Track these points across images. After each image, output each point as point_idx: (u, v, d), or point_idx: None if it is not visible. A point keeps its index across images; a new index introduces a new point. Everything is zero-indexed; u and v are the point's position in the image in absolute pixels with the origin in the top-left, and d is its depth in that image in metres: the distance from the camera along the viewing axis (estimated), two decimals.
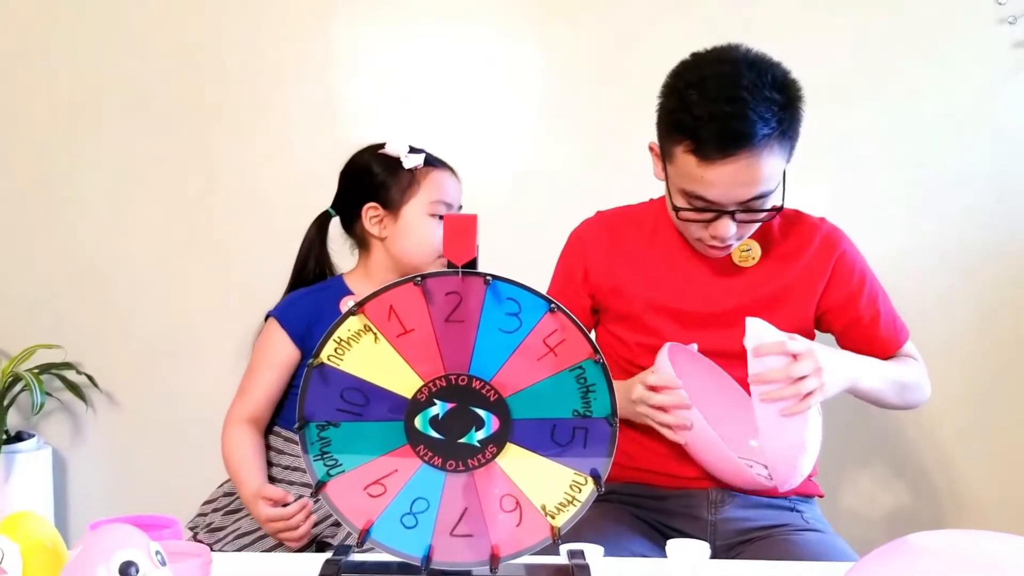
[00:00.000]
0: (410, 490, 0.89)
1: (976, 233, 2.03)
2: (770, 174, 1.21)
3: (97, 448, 2.18)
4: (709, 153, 1.18)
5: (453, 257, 0.87)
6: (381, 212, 1.50)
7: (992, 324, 2.05)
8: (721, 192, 1.21)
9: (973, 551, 0.87)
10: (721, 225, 1.25)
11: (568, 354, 0.88)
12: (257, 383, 1.48)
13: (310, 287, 1.54)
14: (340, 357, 0.89)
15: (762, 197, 1.23)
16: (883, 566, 0.88)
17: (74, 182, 2.15)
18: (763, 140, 1.18)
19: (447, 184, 1.52)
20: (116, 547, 0.67)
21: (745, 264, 1.35)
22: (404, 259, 1.50)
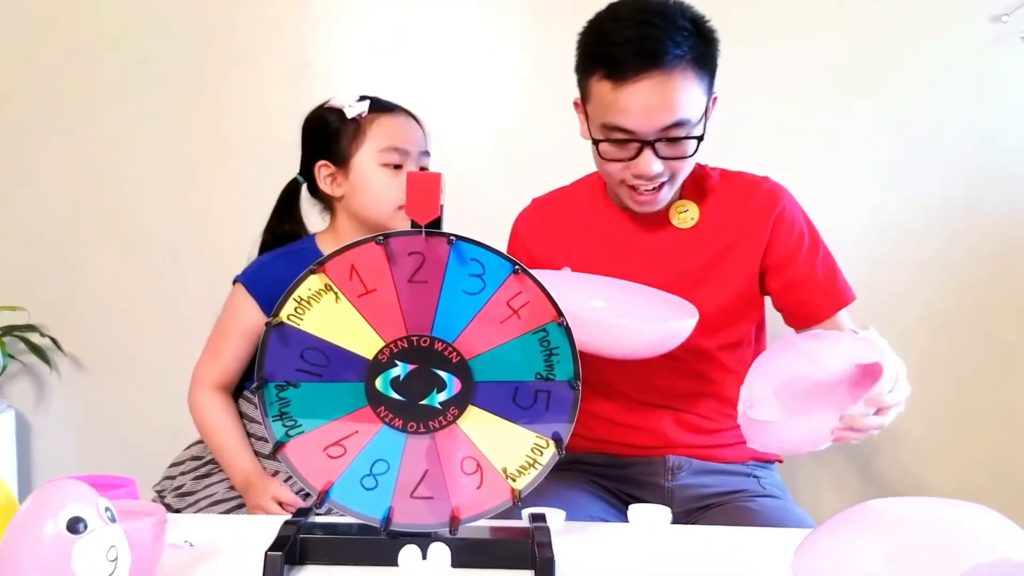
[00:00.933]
0: (370, 452, 0.89)
1: (947, 217, 2.04)
2: (686, 100, 1.20)
3: (61, 411, 2.15)
4: (622, 72, 1.18)
5: (416, 216, 0.86)
6: (332, 169, 1.42)
7: (957, 304, 2.06)
8: (638, 117, 1.19)
9: (932, 516, 0.87)
10: (643, 160, 1.22)
11: (532, 317, 0.87)
12: (227, 349, 1.42)
13: (280, 250, 1.47)
14: (300, 317, 0.87)
15: (681, 126, 1.20)
16: (844, 531, 0.89)
17: (37, 142, 2.10)
18: (675, 60, 1.18)
19: (398, 129, 1.41)
20: (64, 502, 0.66)
21: (683, 225, 1.33)
22: (363, 215, 1.41)
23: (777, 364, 1.10)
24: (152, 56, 2.08)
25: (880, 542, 0.87)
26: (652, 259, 1.33)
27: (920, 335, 2.04)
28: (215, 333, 1.45)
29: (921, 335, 2.04)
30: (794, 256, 1.32)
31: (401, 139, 1.41)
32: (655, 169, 1.22)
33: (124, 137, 2.09)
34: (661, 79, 1.18)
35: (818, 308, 1.33)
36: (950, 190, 2.03)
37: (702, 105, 1.23)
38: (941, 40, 2.00)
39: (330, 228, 1.49)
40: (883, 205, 2.04)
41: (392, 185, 1.39)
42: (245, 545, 0.93)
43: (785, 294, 1.34)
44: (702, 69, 1.22)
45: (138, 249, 2.11)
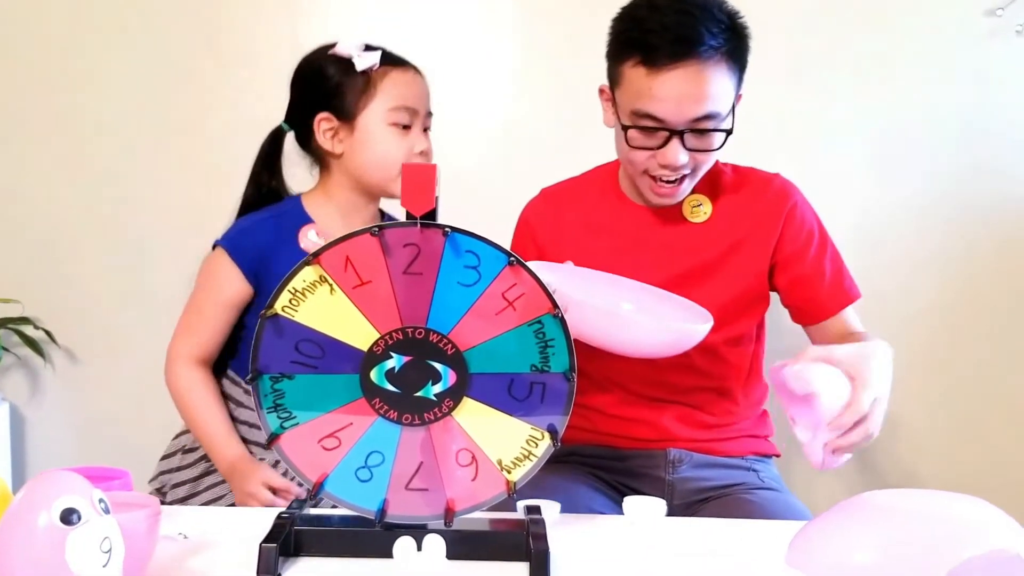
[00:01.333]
0: (365, 443, 0.89)
1: (942, 212, 2.04)
2: (718, 92, 1.21)
3: (55, 404, 2.15)
4: (658, 59, 1.19)
5: (412, 208, 0.86)
6: (335, 123, 1.32)
7: (953, 299, 2.06)
8: (670, 106, 1.20)
9: (927, 509, 0.88)
10: (670, 150, 1.22)
11: (527, 308, 0.87)
12: (205, 322, 1.32)
13: (263, 212, 1.36)
14: (295, 308, 0.87)
15: (711, 118, 1.21)
16: (839, 522, 0.89)
17: (30, 135, 2.09)
18: (711, 51, 1.19)
19: (410, 86, 1.33)
20: (57, 493, 0.65)
21: (696, 219, 1.33)
22: (364, 176, 1.33)
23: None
24: (144, 51, 2.07)
25: (875, 533, 0.87)
26: (663, 253, 1.33)
27: (917, 330, 2.04)
28: (192, 304, 1.35)
29: (918, 330, 2.05)
30: (803, 253, 1.33)
31: (413, 97, 1.32)
32: (681, 160, 1.23)
33: (119, 131, 2.08)
34: (696, 69, 1.19)
35: (825, 305, 1.34)
36: (945, 185, 2.03)
37: (731, 99, 1.24)
38: (936, 34, 2.00)
39: (319, 187, 1.39)
40: (877, 200, 2.04)
41: (399, 146, 1.31)
42: (239, 537, 0.93)
43: (793, 290, 1.35)
44: (734, 63, 1.23)
45: (133, 242, 2.11)
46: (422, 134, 1.34)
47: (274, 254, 1.31)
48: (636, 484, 1.32)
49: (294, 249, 1.31)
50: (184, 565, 0.87)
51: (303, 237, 1.32)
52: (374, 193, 1.36)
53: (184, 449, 1.40)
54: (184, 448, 1.40)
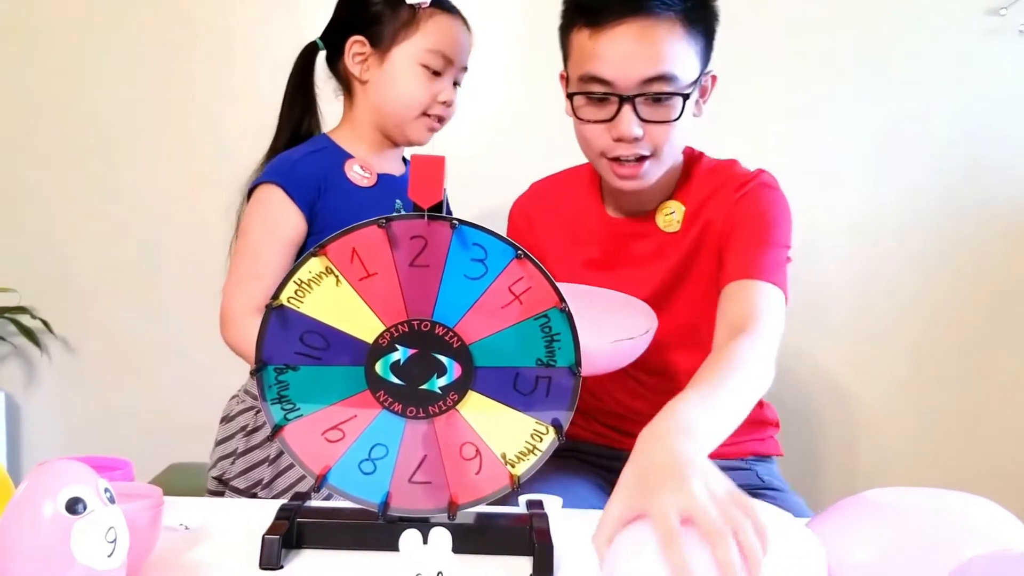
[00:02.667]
0: (369, 436, 0.88)
1: (941, 210, 2.04)
2: (671, 53, 1.10)
3: (52, 394, 2.14)
4: (601, 17, 1.11)
5: (419, 200, 0.85)
6: (367, 49, 1.28)
7: (950, 297, 2.07)
8: (615, 65, 1.10)
9: (929, 507, 0.88)
10: (622, 119, 1.12)
11: (533, 302, 0.87)
12: (264, 266, 1.21)
13: (303, 148, 1.30)
14: (300, 300, 0.87)
15: (665, 81, 1.11)
16: (840, 521, 0.89)
17: (28, 125, 2.08)
18: (662, 7, 1.10)
19: (453, 34, 1.28)
20: (63, 483, 0.65)
21: (669, 229, 1.25)
22: (383, 111, 1.29)
23: None
24: (145, 41, 2.06)
25: (876, 532, 0.87)
26: (638, 263, 1.27)
27: (916, 325, 2.05)
28: (245, 250, 1.25)
29: (917, 325, 2.05)
30: (742, 224, 1.20)
31: (452, 45, 1.28)
32: (635, 131, 1.13)
33: (116, 120, 2.08)
34: (644, 25, 1.10)
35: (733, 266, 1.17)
36: (947, 181, 2.03)
37: (693, 69, 1.14)
38: (938, 33, 2.00)
39: (346, 119, 1.35)
40: (876, 197, 2.04)
41: (425, 90, 1.28)
42: (242, 528, 0.93)
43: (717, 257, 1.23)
44: (693, 28, 1.13)
45: (130, 231, 2.10)
46: (451, 86, 1.31)
47: (327, 187, 1.27)
48: None
49: (343, 182, 1.28)
50: (186, 556, 0.87)
51: (349, 169, 1.28)
52: (390, 133, 1.33)
53: (246, 431, 1.31)
54: (246, 429, 1.32)
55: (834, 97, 2.01)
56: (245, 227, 1.26)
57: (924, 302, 2.05)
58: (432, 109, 1.29)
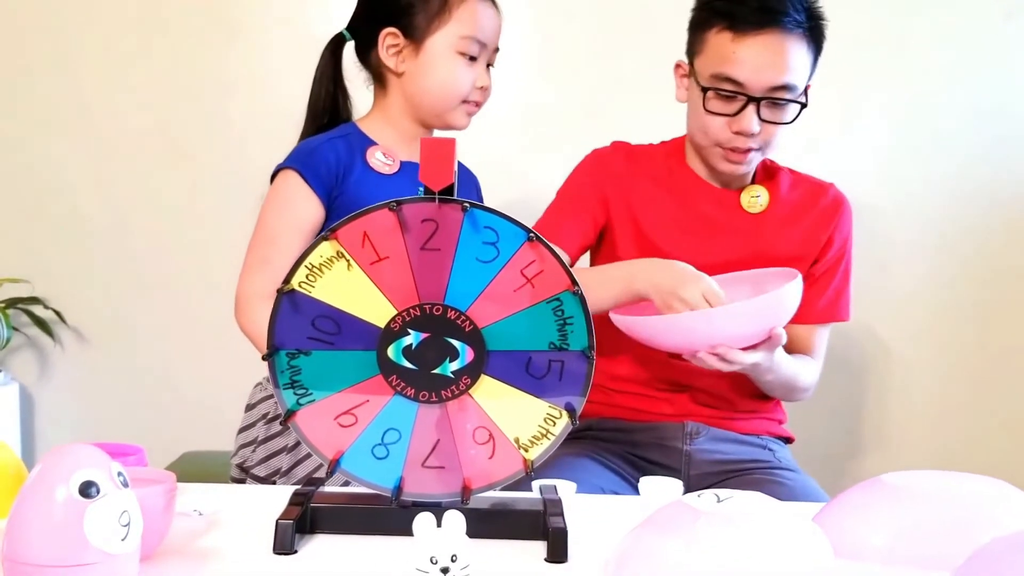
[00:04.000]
0: (382, 421, 0.88)
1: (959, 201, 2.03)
2: (797, 65, 1.26)
3: (64, 384, 2.15)
4: (743, 25, 1.24)
5: (430, 182, 0.85)
6: (401, 41, 1.27)
7: (961, 287, 2.05)
8: (751, 71, 1.24)
9: (948, 490, 0.87)
10: (746, 116, 1.26)
11: (546, 285, 0.86)
12: (280, 251, 1.20)
13: (327, 135, 1.30)
14: (312, 284, 0.86)
15: (787, 89, 1.26)
16: (858, 504, 0.89)
17: (41, 112, 2.09)
18: (793, 24, 1.24)
19: (485, 19, 1.28)
20: (76, 467, 0.65)
21: (753, 210, 1.37)
22: (422, 101, 1.29)
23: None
24: (154, 29, 2.06)
25: (895, 515, 0.86)
26: (716, 234, 1.36)
27: (941, 313, 2.03)
28: (262, 234, 1.26)
29: (932, 310, 2.03)
30: (830, 259, 1.40)
31: (486, 30, 1.28)
32: (755, 128, 1.27)
33: (126, 110, 2.08)
34: (779, 38, 1.24)
35: (812, 312, 1.37)
36: (967, 170, 2.02)
37: (806, 78, 1.29)
38: (951, 22, 1.98)
39: (376, 110, 1.35)
40: (896, 184, 2.03)
41: (464, 77, 1.28)
42: (255, 514, 0.93)
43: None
44: (812, 44, 1.28)
45: (141, 221, 2.10)
46: (486, 70, 1.31)
47: (348, 173, 1.27)
48: (653, 455, 1.32)
49: (364, 169, 1.28)
50: (199, 542, 0.87)
51: (371, 156, 1.28)
52: (428, 122, 1.33)
53: (267, 418, 1.31)
54: (267, 417, 1.31)
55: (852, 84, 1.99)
56: (262, 212, 1.27)
57: (932, 293, 2.04)
58: (472, 95, 1.30)
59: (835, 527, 0.85)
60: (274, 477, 1.28)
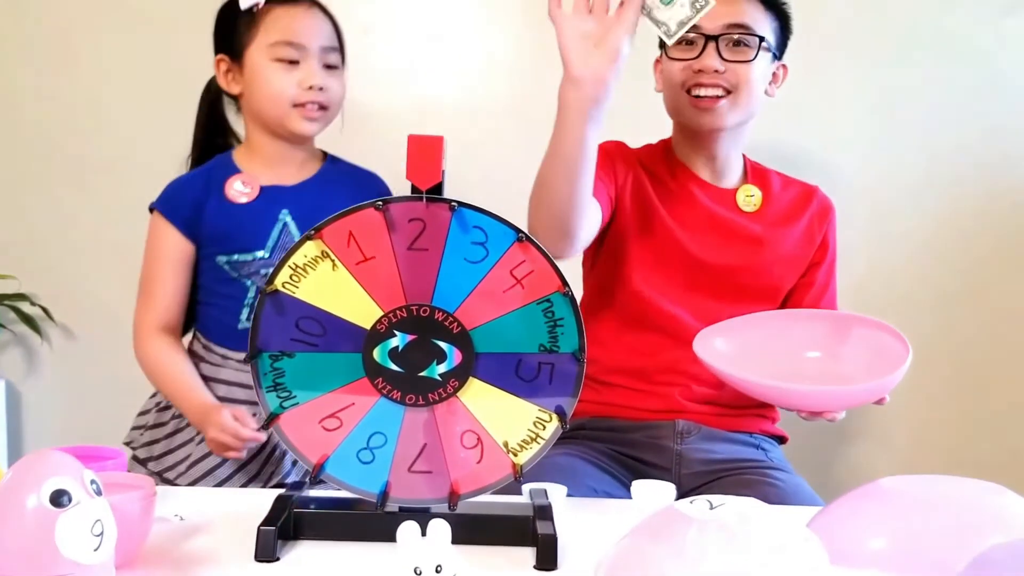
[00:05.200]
0: (367, 424, 0.86)
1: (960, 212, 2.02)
2: (752, 12, 1.32)
3: (52, 381, 2.12)
4: None
5: (417, 180, 0.83)
6: (229, 63, 1.33)
7: (958, 285, 2.04)
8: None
9: (947, 495, 0.86)
10: (706, 55, 1.29)
11: (536, 286, 0.84)
12: (158, 287, 1.33)
13: (193, 171, 1.39)
14: (296, 285, 0.84)
15: (745, 28, 1.30)
16: (856, 509, 0.87)
17: (30, 111, 2.07)
18: None
19: (295, 21, 1.30)
20: (47, 475, 0.63)
21: (748, 208, 1.39)
22: (259, 115, 1.33)
23: None
24: (156, 44, 2.04)
25: (892, 520, 0.85)
26: (717, 229, 1.37)
27: (934, 313, 2.02)
28: (143, 274, 1.37)
29: (935, 313, 2.02)
30: (818, 266, 1.42)
31: (295, 32, 1.30)
32: (716, 64, 1.29)
33: (115, 108, 2.06)
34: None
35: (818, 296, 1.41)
36: (961, 171, 2.01)
37: (767, 32, 1.33)
38: (950, 18, 1.98)
39: (245, 138, 1.40)
40: (886, 178, 2.02)
41: (286, 81, 1.29)
42: (237, 519, 0.91)
43: (796, 292, 1.42)
44: (769, 10, 1.34)
45: (131, 218, 2.07)
46: (319, 69, 1.30)
47: (204, 205, 1.33)
48: (644, 455, 1.31)
49: (220, 200, 1.33)
50: (180, 547, 0.85)
51: (229, 187, 1.34)
52: (277, 134, 1.34)
53: (159, 407, 1.39)
54: (159, 406, 1.39)
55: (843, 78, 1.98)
56: (144, 252, 1.39)
57: (936, 287, 2.03)
58: (301, 97, 1.30)
59: (831, 533, 0.83)
60: (149, 462, 1.35)
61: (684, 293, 1.35)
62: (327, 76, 1.31)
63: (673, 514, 0.77)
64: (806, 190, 1.44)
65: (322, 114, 1.32)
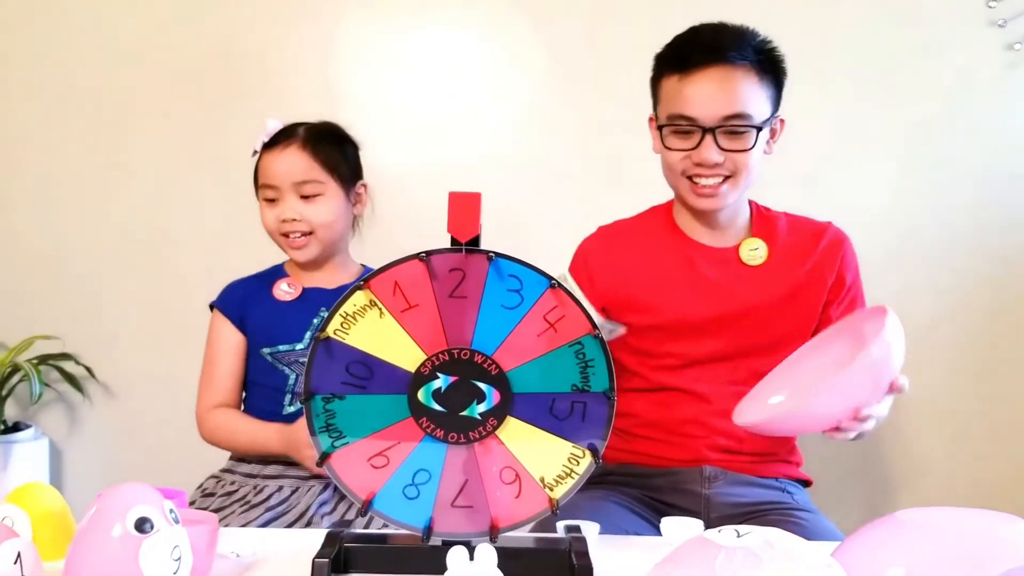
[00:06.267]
0: (412, 462, 0.92)
1: (961, 233, 2.07)
2: (747, 95, 1.29)
3: (93, 439, 2.19)
4: (688, 65, 1.30)
5: (457, 234, 0.89)
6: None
7: (974, 307, 2.08)
8: (700, 104, 1.29)
9: (961, 525, 0.89)
10: (704, 146, 1.29)
11: (568, 330, 0.90)
12: (216, 370, 1.50)
13: (250, 276, 1.57)
14: (346, 331, 0.91)
15: (742, 118, 1.29)
16: (873, 541, 0.91)
17: (69, 175, 2.16)
18: (739, 59, 1.29)
19: (271, 165, 1.47)
20: (131, 503, 0.69)
21: (753, 263, 1.39)
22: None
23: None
24: (181, 92, 2.14)
25: (908, 551, 0.88)
26: (721, 293, 1.37)
27: (951, 339, 2.05)
28: (204, 364, 1.53)
29: (952, 339, 2.05)
30: (834, 301, 1.40)
31: (269, 175, 1.47)
32: (714, 157, 1.29)
33: (157, 171, 2.15)
34: (725, 71, 1.28)
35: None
36: (981, 192, 2.06)
37: (765, 110, 1.32)
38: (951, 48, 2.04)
39: None
40: (906, 207, 2.07)
41: (269, 217, 1.48)
42: (290, 556, 0.96)
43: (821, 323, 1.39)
44: (764, 77, 1.31)
45: (171, 279, 2.16)
46: (297, 201, 1.46)
47: (252, 305, 1.51)
48: (673, 499, 1.33)
49: (268, 299, 1.51)
50: None
51: (276, 288, 1.52)
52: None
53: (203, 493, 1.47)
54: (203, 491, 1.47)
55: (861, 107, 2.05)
56: (206, 345, 1.54)
57: (955, 316, 2.06)
58: (284, 228, 1.47)
59: (850, 564, 0.87)
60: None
61: (696, 359, 1.37)
62: (304, 206, 1.46)
63: (702, 542, 0.81)
64: (816, 229, 1.42)
65: (308, 239, 1.48)
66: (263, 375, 1.48)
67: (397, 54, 2.13)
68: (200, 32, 2.14)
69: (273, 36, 2.13)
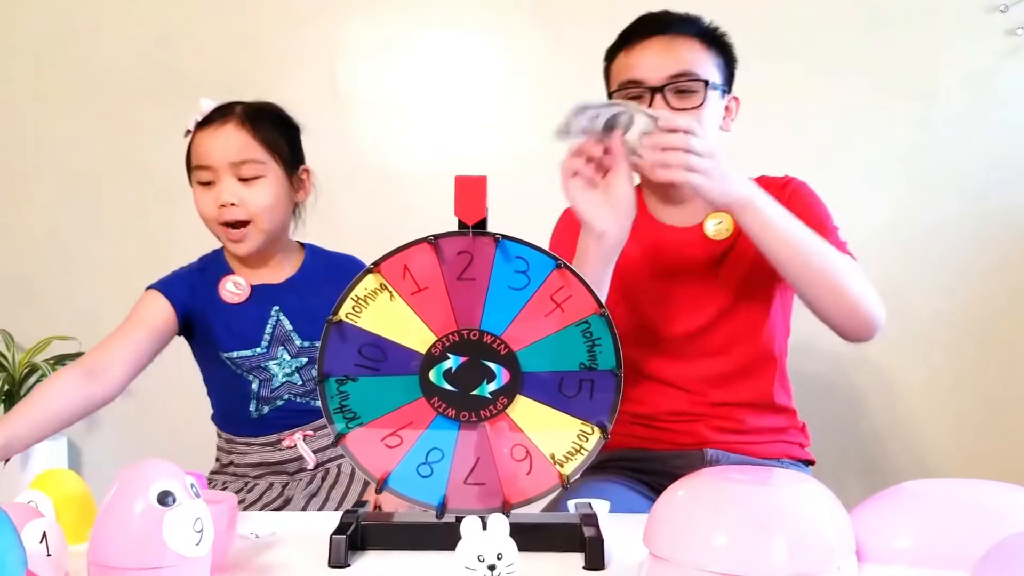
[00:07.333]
0: (425, 441, 0.94)
1: (963, 231, 2.07)
2: (693, 58, 1.30)
3: (111, 439, 2.22)
4: (632, 39, 1.33)
5: (464, 217, 0.92)
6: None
7: (978, 303, 2.08)
8: (646, 67, 1.30)
9: (965, 494, 0.91)
10: (655, 106, 1.28)
11: (574, 309, 0.92)
12: (113, 337, 1.33)
13: (192, 264, 1.45)
14: (357, 315, 0.93)
15: (688, 77, 1.29)
16: (880, 510, 0.93)
17: (86, 176, 2.19)
18: (682, 30, 1.32)
19: (204, 144, 1.34)
20: (153, 478, 0.71)
21: (719, 237, 1.35)
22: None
23: None
24: (194, 94, 2.16)
25: (915, 519, 0.90)
26: (688, 268, 1.37)
27: (949, 334, 2.06)
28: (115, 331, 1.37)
29: (951, 334, 2.06)
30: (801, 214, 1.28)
31: (204, 155, 1.35)
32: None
33: (168, 174, 2.17)
34: (667, 40, 1.31)
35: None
36: (977, 192, 2.06)
37: (714, 76, 1.32)
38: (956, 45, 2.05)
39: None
40: (906, 206, 2.08)
41: (203, 201, 1.36)
42: (307, 536, 0.99)
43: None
44: (710, 48, 1.33)
45: None
46: (235, 184, 1.34)
47: (201, 302, 1.39)
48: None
49: (213, 299, 1.39)
50: (259, 559, 0.92)
51: (222, 287, 1.39)
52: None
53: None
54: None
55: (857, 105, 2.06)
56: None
57: (956, 305, 2.07)
58: (222, 216, 1.34)
59: (861, 531, 0.89)
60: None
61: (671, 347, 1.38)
62: (243, 189, 1.33)
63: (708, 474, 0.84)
64: (777, 185, 1.36)
65: (246, 231, 1.34)
66: (229, 379, 1.40)
67: (402, 54, 2.15)
68: (200, 32, 2.16)
69: (279, 37, 2.16)
